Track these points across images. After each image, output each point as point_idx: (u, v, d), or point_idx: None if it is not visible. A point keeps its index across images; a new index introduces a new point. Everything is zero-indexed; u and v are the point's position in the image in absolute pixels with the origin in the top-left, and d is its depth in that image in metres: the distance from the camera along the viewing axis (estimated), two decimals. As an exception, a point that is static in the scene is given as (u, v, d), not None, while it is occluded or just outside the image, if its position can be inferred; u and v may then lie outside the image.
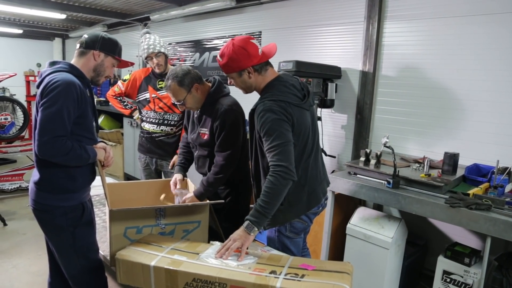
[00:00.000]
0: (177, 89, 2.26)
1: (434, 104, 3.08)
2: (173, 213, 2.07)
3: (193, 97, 2.30)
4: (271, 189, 1.75)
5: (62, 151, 1.72)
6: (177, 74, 2.26)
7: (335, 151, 3.79)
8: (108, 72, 2.00)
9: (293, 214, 1.96)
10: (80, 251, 1.94)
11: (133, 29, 6.86)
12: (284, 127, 1.80)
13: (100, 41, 1.92)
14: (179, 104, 2.33)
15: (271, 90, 1.89)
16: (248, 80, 1.94)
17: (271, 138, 1.78)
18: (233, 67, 1.91)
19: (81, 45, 1.92)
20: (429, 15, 3.06)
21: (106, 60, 1.95)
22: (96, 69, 1.95)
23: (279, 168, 1.75)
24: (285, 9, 4.20)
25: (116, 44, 1.98)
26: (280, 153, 1.76)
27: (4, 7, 5.52)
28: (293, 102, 1.87)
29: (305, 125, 1.92)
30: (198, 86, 2.29)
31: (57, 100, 1.70)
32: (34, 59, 8.96)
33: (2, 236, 3.93)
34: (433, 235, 3.11)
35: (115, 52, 1.98)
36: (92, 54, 1.91)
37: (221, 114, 2.25)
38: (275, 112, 1.80)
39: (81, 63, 1.91)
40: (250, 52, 1.87)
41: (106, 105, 6.63)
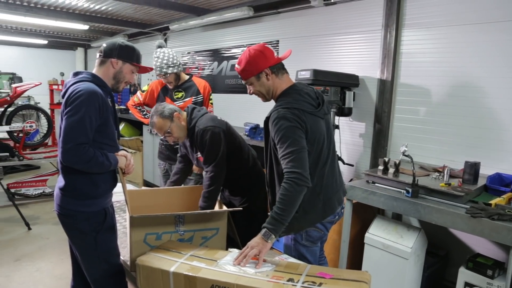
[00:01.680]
0: (161, 121, 2.46)
1: (454, 112, 3.04)
2: (192, 220, 2.10)
3: (177, 126, 2.49)
4: (286, 196, 1.76)
5: (84, 158, 1.78)
6: (157, 109, 2.49)
7: (353, 160, 3.77)
8: (127, 78, 2.04)
9: (308, 222, 1.97)
10: (102, 255, 1.99)
11: (152, 39, 7.00)
12: (298, 134, 1.82)
13: (117, 49, 1.97)
14: (167, 135, 2.50)
15: (286, 98, 1.92)
16: (266, 83, 1.97)
17: (285, 145, 1.80)
18: (251, 70, 1.95)
19: (100, 54, 1.99)
20: (448, 22, 3.04)
21: (125, 67, 2.00)
22: (115, 77, 2.00)
23: (294, 174, 1.77)
24: (302, 18, 4.23)
25: (133, 51, 2.02)
26: (294, 160, 1.78)
27: (31, 20, 5.73)
28: (307, 109, 1.89)
29: (319, 132, 1.93)
30: (178, 114, 2.50)
31: (80, 109, 1.77)
32: (57, 69, 9.23)
33: (26, 240, 4.04)
34: (454, 246, 3.05)
35: (133, 59, 2.02)
36: (110, 62, 1.97)
37: (198, 137, 2.46)
38: (288, 119, 1.82)
39: (102, 71, 1.98)
40: (266, 54, 1.94)
41: (126, 113, 6.76)
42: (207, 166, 2.44)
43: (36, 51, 9.00)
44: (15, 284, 3.17)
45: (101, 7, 5.46)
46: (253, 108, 4.69)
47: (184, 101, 3.20)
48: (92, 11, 5.72)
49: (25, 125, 5.21)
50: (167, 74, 3.08)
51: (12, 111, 5.38)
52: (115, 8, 5.52)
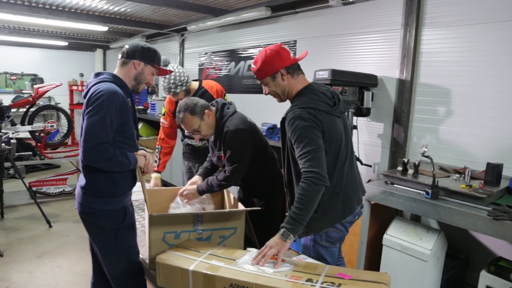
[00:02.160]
0: (190, 118, 2.38)
1: (476, 113, 2.98)
2: (210, 219, 2.11)
3: (206, 124, 2.42)
4: (304, 195, 1.76)
5: (104, 157, 1.81)
6: (188, 105, 2.39)
7: (371, 160, 3.74)
8: (148, 80, 2.08)
9: (327, 222, 1.96)
10: (122, 253, 2.02)
11: (170, 40, 7.07)
12: (314, 134, 1.82)
13: (140, 51, 2.00)
14: (195, 132, 2.45)
15: (301, 98, 1.93)
16: (282, 83, 1.98)
17: (302, 144, 1.80)
18: (266, 70, 1.96)
19: (122, 55, 2.02)
20: (469, 21, 2.98)
21: (146, 68, 2.03)
22: (136, 78, 2.03)
23: (311, 174, 1.77)
24: (320, 18, 4.21)
25: (155, 53, 2.06)
26: (312, 159, 1.78)
27: (53, 22, 5.87)
28: (323, 109, 1.89)
29: (336, 131, 1.93)
30: (208, 112, 2.42)
31: (101, 109, 1.80)
32: (77, 70, 9.41)
33: (47, 237, 4.13)
34: (475, 249, 2.99)
35: (154, 61, 2.05)
36: (132, 63, 2.00)
37: (226, 136, 2.40)
38: (304, 119, 1.82)
39: (123, 72, 2.01)
40: (282, 55, 1.95)
41: (144, 113, 6.86)
42: (229, 165, 2.43)
43: (57, 52, 9.19)
44: (37, 280, 3.24)
45: (120, 8, 5.53)
46: (270, 108, 4.69)
47: None
48: (111, 12, 5.81)
49: (46, 125, 5.34)
50: (176, 93, 3.07)
51: (34, 111, 5.51)
52: (134, 10, 5.59)
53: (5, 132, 4.58)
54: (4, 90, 8.52)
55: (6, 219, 4.61)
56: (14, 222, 4.53)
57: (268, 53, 1.95)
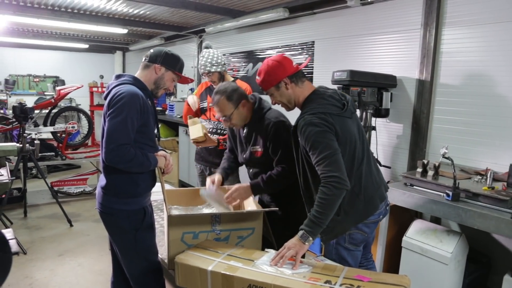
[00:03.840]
0: (225, 103, 2.31)
1: (497, 113, 2.92)
2: (228, 220, 2.13)
3: (239, 114, 2.34)
4: (324, 199, 1.76)
5: (126, 158, 1.84)
6: (226, 89, 2.32)
7: (390, 162, 3.70)
8: (167, 85, 2.11)
9: (350, 223, 1.94)
10: (141, 252, 2.05)
11: (189, 41, 7.13)
12: (328, 138, 1.82)
13: (163, 56, 2.04)
14: (225, 119, 2.37)
15: (310, 104, 1.94)
16: (286, 92, 2.00)
17: (318, 150, 1.80)
18: (270, 81, 2.00)
19: (145, 58, 2.06)
20: (491, 19, 2.91)
21: (166, 74, 2.07)
22: (156, 82, 2.07)
23: (332, 178, 1.76)
24: (338, 18, 4.19)
25: (177, 60, 2.10)
26: (330, 164, 1.77)
27: (74, 25, 5.99)
28: (333, 112, 1.89)
29: (349, 133, 1.92)
30: (245, 102, 2.35)
31: (122, 111, 1.84)
32: (97, 71, 9.59)
33: (68, 236, 4.22)
34: (498, 252, 2.92)
35: (176, 68, 2.09)
36: (154, 67, 2.04)
37: (272, 128, 2.29)
38: (316, 124, 1.82)
39: (144, 75, 2.05)
40: (284, 64, 1.98)
41: (163, 114, 6.94)
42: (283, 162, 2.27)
43: (78, 55, 9.38)
44: (59, 278, 3.32)
45: (140, 11, 5.62)
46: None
47: None
48: (131, 15, 5.90)
49: (68, 126, 5.45)
50: (210, 72, 3.12)
51: (56, 112, 5.64)
52: (153, 12, 5.67)
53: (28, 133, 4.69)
54: (28, 92, 8.77)
55: (29, 217, 4.73)
56: (37, 221, 4.65)
57: (270, 63, 1.99)
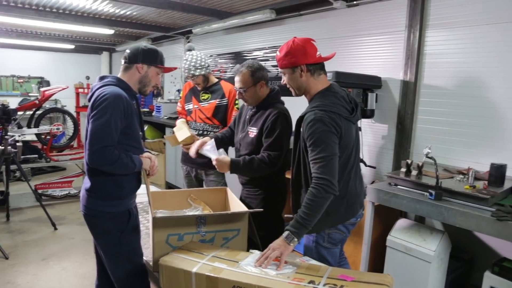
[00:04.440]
0: (247, 77, 2.40)
1: (480, 114, 2.97)
2: (213, 221, 2.12)
3: (254, 92, 2.42)
4: (313, 201, 1.77)
5: (110, 160, 1.83)
6: (254, 65, 2.43)
7: (375, 162, 3.73)
8: (154, 81, 2.10)
9: (328, 224, 1.97)
10: (126, 255, 2.04)
11: (176, 42, 7.11)
12: (332, 140, 1.80)
13: (141, 54, 2.02)
14: (240, 91, 2.44)
15: (323, 100, 1.88)
16: (299, 79, 1.94)
17: (318, 149, 1.79)
18: (287, 61, 1.92)
19: (125, 60, 2.04)
20: (474, 22, 2.97)
21: (150, 70, 2.05)
22: (141, 81, 2.06)
23: (323, 181, 1.76)
24: (324, 20, 4.22)
25: (156, 53, 2.07)
26: (325, 166, 1.77)
27: (60, 25, 5.92)
28: (343, 114, 1.87)
29: (350, 138, 1.92)
30: (263, 84, 2.43)
31: (106, 112, 1.82)
32: (83, 72, 9.49)
33: (52, 240, 4.17)
34: (479, 250, 2.98)
35: (157, 61, 2.07)
36: (136, 67, 2.02)
37: (275, 115, 2.36)
38: (325, 123, 1.80)
39: (127, 76, 2.03)
40: (307, 51, 1.89)
41: (150, 115, 6.89)
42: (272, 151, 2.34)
43: (63, 55, 9.27)
44: (42, 283, 3.27)
45: (126, 12, 5.58)
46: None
47: (208, 102, 3.25)
48: (117, 16, 5.86)
49: (52, 128, 5.38)
50: (194, 76, 3.13)
51: (41, 114, 5.56)
52: (140, 13, 5.63)
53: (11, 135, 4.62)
54: (11, 93, 8.63)
55: (11, 221, 4.65)
56: (20, 224, 4.57)
57: (294, 45, 1.89)
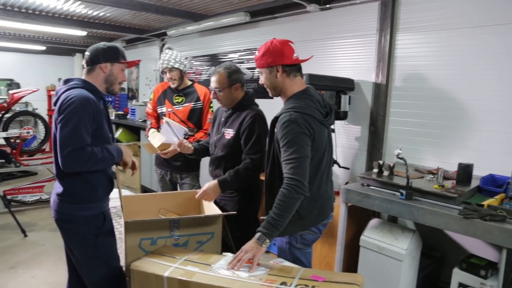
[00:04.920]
0: (223, 77, 2.42)
1: (448, 115, 3.07)
2: (187, 225, 2.11)
3: (229, 93, 2.44)
4: (283, 202, 1.78)
5: (83, 159, 1.79)
6: (231, 67, 2.46)
7: (349, 163, 3.79)
8: (120, 78, 2.08)
9: (300, 227, 1.99)
10: (102, 258, 2.00)
11: (150, 44, 7.03)
12: (305, 141, 1.82)
13: (102, 53, 1.99)
14: (215, 90, 2.45)
15: (298, 102, 1.90)
16: (275, 80, 1.96)
17: (291, 150, 1.80)
18: (264, 61, 1.95)
19: (86, 63, 2.01)
20: (442, 26, 3.06)
21: (114, 68, 2.03)
22: (107, 80, 2.03)
23: (294, 182, 1.78)
24: (298, 23, 4.26)
25: (117, 50, 2.04)
26: (297, 167, 1.79)
27: (29, 26, 5.77)
28: (317, 117, 1.89)
29: (322, 141, 1.95)
30: (239, 86, 2.46)
31: (74, 115, 1.79)
32: (56, 74, 9.26)
33: (22, 247, 4.03)
34: (449, 247, 3.06)
35: (119, 57, 2.04)
36: (99, 67, 1.99)
37: (252, 117, 2.38)
38: (299, 124, 1.82)
39: (92, 78, 2.00)
40: (284, 52, 1.92)
41: (124, 118, 6.79)
42: (254, 154, 2.35)
43: (34, 57, 9.03)
44: (11, 292, 3.17)
45: (99, 13, 5.49)
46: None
47: (183, 106, 3.22)
48: (90, 17, 5.75)
49: (22, 131, 5.23)
50: (173, 68, 3.10)
51: (10, 117, 5.40)
52: (113, 14, 5.55)
53: (-22, 139, 4.47)
54: (-21, 96, 8.34)
55: (-21, 229, 4.49)
56: (-12, 232, 4.42)
57: (273, 45, 1.93)
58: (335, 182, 3.81)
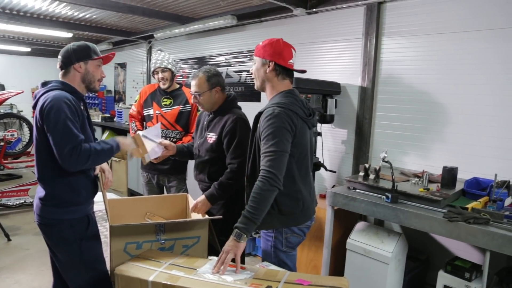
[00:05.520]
0: (203, 81, 2.42)
1: (433, 119, 3.11)
2: (173, 229, 2.09)
3: (210, 97, 2.44)
4: (259, 194, 1.79)
5: (84, 155, 1.78)
6: (210, 70, 2.47)
7: (336, 166, 3.81)
8: (98, 75, 2.04)
9: (281, 223, 1.99)
10: (88, 262, 1.97)
11: (137, 47, 6.99)
12: (286, 137, 1.85)
13: (73, 53, 1.95)
14: (195, 94, 2.45)
15: (283, 99, 1.94)
16: (264, 73, 2.00)
17: (271, 143, 1.83)
18: (263, 52, 2.00)
19: (60, 67, 1.98)
20: (427, 31, 3.11)
21: (89, 66, 1.99)
22: (85, 79, 1.99)
23: (270, 174, 1.79)
24: (285, 27, 4.28)
25: (88, 47, 2.00)
26: (274, 160, 1.81)
27: (14, 27, 5.68)
28: (300, 114, 1.93)
29: (305, 139, 1.97)
30: (219, 90, 2.46)
31: (59, 116, 1.77)
32: (41, 76, 8.88)
33: (5, 251, 3.96)
34: (434, 250, 3.09)
35: (91, 55, 2.00)
36: (73, 68, 1.96)
37: (234, 121, 2.38)
38: (282, 120, 1.85)
39: (69, 80, 1.97)
40: (283, 53, 1.98)
41: (111, 121, 6.73)
42: (235, 158, 2.36)
43: (19, 58, 8.90)
44: (-6, 297, 3.11)
45: (85, 15, 5.44)
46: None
47: (171, 108, 3.20)
48: (76, 19, 5.69)
49: (6, 134, 5.15)
50: (166, 68, 3.11)
51: (-6, 119, 5.31)
52: (100, 16, 5.51)
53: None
54: (-38, 98, 8.16)
55: (-39, 233, 4.38)
56: (-30, 236, 4.32)
57: (276, 43, 1.99)
58: (322, 185, 3.86)
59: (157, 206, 2.57)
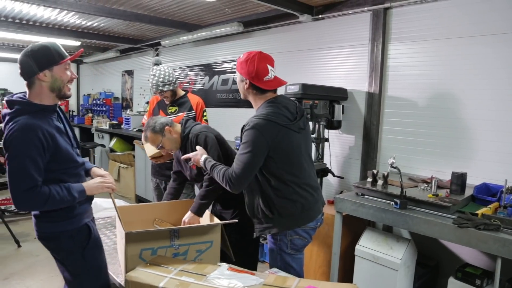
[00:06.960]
0: (153, 136, 2.50)
1: (441, 124, 3.10)
2: (186, 234, 2.10)
3: (168, 139, 2.52)
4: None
5: (39, 201, 1.69)
6: (149, 124, 2.52)
7: (343, 172, 3.81)
8: (66, 78, 1.81)
9: (284, 226, 2.04)
10: (92, 271, 1.96)
11: (144, 54, 7.05)
12: (261, 150, 1.94)
13: (33, 62, 1.72)
14: (159, 148, 2.55)
15: (263, 110, 2.03)
16: (243, 89, 2.10)
17: (247, 150, 1.94)
18: (240, 69, 2.08)
19: (24, 79, 1.77)
20: (434, 36, 3.11)
21: (54, 72, 1.76)
22: (53, 88, 1.78)
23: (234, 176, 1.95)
24: (292, 33, 4.30)
25: (48, 51, 1.75)
26: (244, 167, 1.94)
27: (23, 36, 5.77)
28: (281, 123, 1.99)
29: (291, 144, 2.02)
30: (169, 128, 2.52)
31: (17, 153, 1.65)
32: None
33: (16, 258, 3.99)
34: (444, 256, 3.07)
35: (56, 59, 1.76)
36: (37, 78, 1.74)
37: (192, 142, 2.48)
38: (262, 132, 1.93)
39: (35, 93, 1.77)
40: (258, 72, 2.03)
41: (119, 128, 6.78)
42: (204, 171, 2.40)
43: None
44: (4, 303, 3.13)
45: (93, 23, 5.50)
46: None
47: (177, 115, 3.25)
48: (84, 27, 5.77)
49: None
50: (163, 91, 3.16)
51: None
52: (107, 25, 5.57)
53: (-29, 149, 4.42)
54: (-28, 106, 8.27)
55: (-28, 240, 4.43)
56: (-19, 243, 4.36)
57: (251, 60, 2.03)
58: (330, 191, 3.84)
59: (165, 212, 2.60)
